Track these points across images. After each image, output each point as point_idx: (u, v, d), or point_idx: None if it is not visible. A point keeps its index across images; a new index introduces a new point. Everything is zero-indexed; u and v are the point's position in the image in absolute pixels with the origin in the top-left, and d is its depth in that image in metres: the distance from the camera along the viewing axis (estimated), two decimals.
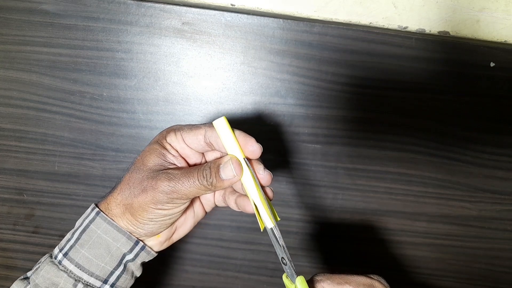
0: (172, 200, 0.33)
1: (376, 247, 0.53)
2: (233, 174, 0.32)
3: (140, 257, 0.36)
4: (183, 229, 0.39)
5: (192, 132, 0.35)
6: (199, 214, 0.40)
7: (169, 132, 0.36)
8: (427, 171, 0.50)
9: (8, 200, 0.51)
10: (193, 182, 0.33)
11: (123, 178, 0.35)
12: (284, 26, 0.47)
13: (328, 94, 0.48)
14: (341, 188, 0.51)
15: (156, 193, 0.33)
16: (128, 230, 0.35)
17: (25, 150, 0.50)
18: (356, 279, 0.35)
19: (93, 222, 0.35)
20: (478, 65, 0.48)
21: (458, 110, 0.49)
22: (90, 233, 0.35)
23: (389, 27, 0.46)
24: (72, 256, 0.34)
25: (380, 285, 0.35)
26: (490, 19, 0.46)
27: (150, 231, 0.35)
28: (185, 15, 0.47)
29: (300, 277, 0.32)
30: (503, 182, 0.51)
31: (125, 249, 0.35)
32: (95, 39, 0.47)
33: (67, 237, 0.36)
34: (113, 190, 0.36)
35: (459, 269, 0.53)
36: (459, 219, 0.52)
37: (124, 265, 0.36)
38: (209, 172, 0.33)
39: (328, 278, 0.34)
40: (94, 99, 0.49)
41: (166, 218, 0.35)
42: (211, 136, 0.34)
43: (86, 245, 0.34)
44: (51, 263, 0.34)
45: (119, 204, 0.35)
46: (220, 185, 0.33)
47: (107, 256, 0.35)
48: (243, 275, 0.53)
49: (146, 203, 0.33)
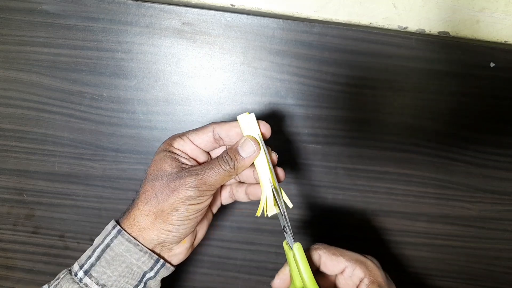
0: (202, 193, 0.34)
1: (376, 247, 0.53)
2: (253, 149, 0.35)
3: (160, 274, 0.37)
4: (201, 233, 0.40)
5: (199, 132, 0.37)
6: (209, 217, 0.41)
7: (174, 138, 0.37)
8: (427, 171, 0.50)
9: (8, 200, 0.51)
10: (218, 170, 0.34)
11: (143, 190, 0.36)
12: (284, 26, 0.47)
13: (328, 94, 0.48)
14: (341, 188, 0.51)
15: (187, 189, 0.34)
16: (158, 240, 0.35)
17: (25, 150, 0.50)
18: (350, 254, 0.37)
19: (115, 240, 0.35)
20: (478, 65, 0.48)
21: (458, 110, 0.49)
22: (111, 251, 0.35)
23: (389, 28, 0.46)
24: (93, 274, 0.34)
25: (372, 263, 0.37)
26: (490, 20, 0.46)
27: (183, 233, 0.36)
28: (185, 15, 0.47)
29: (297, 243, 0.35)
30: (503, 182, 0.51)
31: (146, 267, 0.35)
32: (95, 39, 0.47)
33: (87, 254, 0.36)
34: (135, 205, 0.36)
35: (459, 269, 0.53)
36: (459, 219, 0.52)
37: (145, 283, 0.36)
38: (229, 157, 0.35)
39: (325, 247, 0.37)
40: (94, 99, 0.49)
41: (198, 214, 0.36)
42: (220, 131, 0.36)
43: (108, 264, 0.34)
44: (71, 280, 0.34)
45: (148, 214, 0.35)
46: (242, 165, 0.35)
47: (128, 274, 0.35)
48: (243, 275, 0.53)
49: (177, 202, 0.34)
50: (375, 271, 0.36)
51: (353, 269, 0.36)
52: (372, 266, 0.37)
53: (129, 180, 0.50)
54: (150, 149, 0.50)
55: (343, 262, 0.36)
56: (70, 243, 0.52)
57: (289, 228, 0.35)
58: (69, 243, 0.52)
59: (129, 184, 0.50)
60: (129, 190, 0.50)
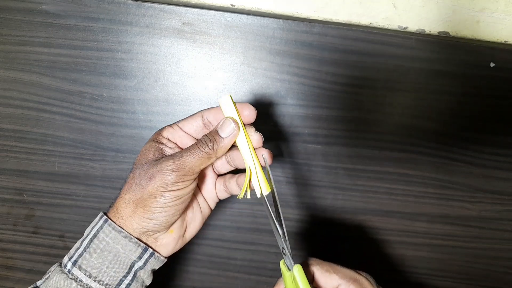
0: (180, 177, 0.33)
1: (376, 247, 0.53)
2: (232, 127, 0.34)
3: (150, 264, 0.36)
4: (194, 225, 0.39)
5: (188, 118, 0.37)
6: (205, 210, 0.40)
7: (164, 128, 0.37)
8: (427, 172, 0.50)
9: (8, 201, 0.51)
10: (195, 152, 0.34)
11: (127, 179, 0.36)
12: (284, 26, 0.47)
13: (328, 94, 0.48)
14: (341, 188, 0.51)
15: (164, 174, 0.33)
16: (140, 229, 0.35)
17: (25, 151, 0.50)
18: (345, 271, 0.36)
19: (102, 230, 0.35)
20: (478, 65, 0.48)
21: (458, 110, 0.49)
22: (98, 241, 0.35)
23: (389, 28, 0.46)
24: (81, 264, 0.34)
25: (367, 281, 0.35)
26: (490, 20, 0.46)
27: (164, 220, 0.35)
28: (185, 15, 0.47)
29: (297, 266, 0.34)
30: (503, 183, 0.51)
31: (134, 256, 0.35)
32: (95, 39, 0.47)
33: (76, 245, 0.36)
34: (119, 194, 0.36)
35: (459, 270, 0.53)
36: (459, 220, 0.52)
37: (134, 273, 0.36)
38: (208, 138, 0.34)
39: (318, 263, 0.36)
40: (94, 100, 0.49)
41: (179, 202, 0.35)
42: (209, 115, 0.36)
43: (95, 253, 0.34)
44: (60, 272, 0.34)
45: (128, 202, 0.35)
46: (222, 146, 0.34)
47: (116, 264, 0.35)
48: (243, 275, 0.53)
49: (155, 189, 0.33)
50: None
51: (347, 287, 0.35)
52: (367, 284, 0.35)
53: None
54: None
55: (336, 280, 0.35)
56: (70, 243, 0.52)
57: (288, 250, 0.34)
58: (69, 243, 0.52)
59: None
60: None
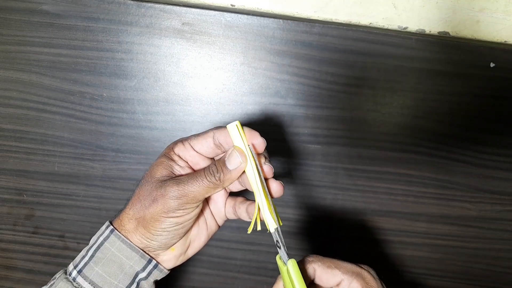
0: (182, 205, 0.33)
1: (376, 247, 0.53)
2: (239, 161, 0.33)
3: (153, 275, 0.36)
4: (198, 242, 0.39)
5: (200, 137, 0.35)
6: (212, 227, 0.40)
7: (176, 143, 0.36)
8: (427, 172, 0.50)
9: (8, 201, 0.51)
10: (201, 181, 0.33)
11: (134, 194, 0.36)
12: (284, 26, 0.47)
13: (328, 94, 0.48)
14: (341, 188, 0.51)
15: (166, 200, 0.33)
16: (141, 245, 0.35)
17: (25, 151, 0.50)
18: (346, 265, 0.35)
19: (108, 239, 0.35)
20: (478, 65, 0.48)
21: (458, 110, 0.49)
22: (104, 250, 0.35)
23: (389, 28, 0.46)
24: (86, 273, 0.34)
25: (369, 275, 0.35)
26: (490, 20, 0.46)
27: (163, 243, 0.35)
28: (185, 15, 0.47)
29: (291, 260, 0.33)
30: (503, 183, 0.51)
31: (138, 267, 0.35)
32: (95, 39, 0.47)
33: (81, 253, 0.36)
34: (125, 206, 0.36)
35: (459, 270, 0.53)
36: (459, 220, 0.52)
37: (137, 283, 0.36)
38: (215, 168, 0.33)
39: (320, 260, 0.35)
40: (94, 100, 0.49)
41: (178, 227, 0.34)
42: (219, 137, 0.35)
43: (100, 263, 0.34)
44: (65, 280, 0.34)
45: (131, 218, 0.35)
46: (228, 177, 0.33)
47: (120, 274, 0.35)
48: (243, 275, 0.53)
49: (157, 212, 0.33)
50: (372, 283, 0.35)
51: (349, 282, 0.35)
52: (369, 277, 0.35)
53: (129, 180, 0.50)
54: (150, 149, 0.50)
55: (339, 275, 0.35)
56: (70, 243, 0.52)
57: (282, 244, 0.34)
58: (69, 243, 0.52)
59: (129, 184, 0.50)
60: (129, 190, 0.50)
